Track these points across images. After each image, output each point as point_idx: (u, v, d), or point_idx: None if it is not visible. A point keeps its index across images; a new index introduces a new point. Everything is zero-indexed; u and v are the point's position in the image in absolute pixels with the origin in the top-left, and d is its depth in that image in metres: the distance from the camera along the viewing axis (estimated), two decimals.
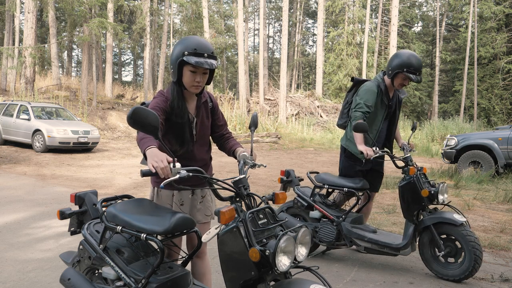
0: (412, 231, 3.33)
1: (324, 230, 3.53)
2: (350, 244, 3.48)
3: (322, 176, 3.64)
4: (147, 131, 1.66)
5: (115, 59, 42.28)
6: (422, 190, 3.30)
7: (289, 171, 3.75)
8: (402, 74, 3.38)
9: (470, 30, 26.36)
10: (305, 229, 1.72)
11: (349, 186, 3.45)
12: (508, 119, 25.95)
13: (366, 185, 3.49)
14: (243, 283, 1.70)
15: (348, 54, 27.12)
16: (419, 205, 3.34)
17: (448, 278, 3.25)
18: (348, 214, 3.56)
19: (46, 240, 4.07)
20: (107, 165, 9.65)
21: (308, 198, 3.64)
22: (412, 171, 3.36)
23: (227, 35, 33.02)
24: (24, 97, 16.49)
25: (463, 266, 3.17)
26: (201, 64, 1.98)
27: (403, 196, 3.41)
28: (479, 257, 3.09)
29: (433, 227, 3.27)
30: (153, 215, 1.91)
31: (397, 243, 3.33)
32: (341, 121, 3.84)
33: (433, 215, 3.29)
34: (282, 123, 20.28)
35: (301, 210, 3.71)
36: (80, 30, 25.73)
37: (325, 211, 3.56)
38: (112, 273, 1.98)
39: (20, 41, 22.19)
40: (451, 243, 3.28)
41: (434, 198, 3.31)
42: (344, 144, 3.73)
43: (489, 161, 8.58)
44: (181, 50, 2.02)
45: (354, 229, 3.46)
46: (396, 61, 3.39)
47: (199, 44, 2.02)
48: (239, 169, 1.98)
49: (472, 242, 3.10)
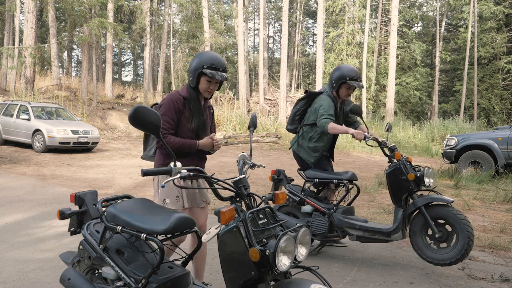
0: (401, 215, 3.41)
1: (316, 223, 3.62)
2: (342, 234, 3.58)
3: (311, 172, 3.76)
4: (149, 130, 1.67)
5: (115, 59, 42.28)
6: (409, 174, 3.40)
7: (280, 170, 3.86)
8: (345, 83, 3.71)
9: (470, 30, 26.36)
10: (305, 229, 1.72)
11: (339, 178, 3.60)
12: (508, 119, 25.95)
13: (354, 176, 3.62)
14: (243, 283, 1.70)
15: (348, 54, 27.14)
16: (407, 189, 3.43)
17: (443, 263, 3.24)
18: (339, 206, 3.65)
19: (46, 240, 4.07)
20: (107, 165, 9.65)
21: (299, 194, 3.73)
22: (397, 156, 3.50)
23: (227, 35, 33.02)
24: (24, 97, 16.49)
25: (457, 247, 3.18)
26: (217, 76, 2.49)
27: (390, 182, 3.51)
28: (471, 234, 3.13)
29: (424, 209, 3.32)
30: (153, 215, 1.91)
31: (387, 228, 3.42)
32: (291, 126, 4.10)
33: (423, 197, 3.37)
34: (282, 123, 20.27)
35: (293, 206, 3.82)
36: (80, 30, 25.75)
37: (316, 204, 3.67)
38: (112, 273, 1.97)
39: (20, 41, 22.19)
40: (441, 227, 3.33)
41: (421, 182, 3.40)
42: (295, 149, 3.97)
43: (489, 161, 8.58)
44: (200, 63, 2.51)
45: (345, 219, 3.56)
46: (337, 74, 3.73)
47: (216, 60, 2.53)
48: (238, 169, 1.99)
49: (463, 220, 3.16)
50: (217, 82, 2.60)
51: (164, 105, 2.56)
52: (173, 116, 2.54)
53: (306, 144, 3.86)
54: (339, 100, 3.87)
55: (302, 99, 3.99)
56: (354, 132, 3.45)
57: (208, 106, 2.79)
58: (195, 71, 2.54)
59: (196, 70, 2.53)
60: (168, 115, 2.54)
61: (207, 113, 2.75)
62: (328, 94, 3.81)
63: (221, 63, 2.53)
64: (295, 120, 4.04)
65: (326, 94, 3.82)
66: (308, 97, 3.93)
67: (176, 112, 2.55)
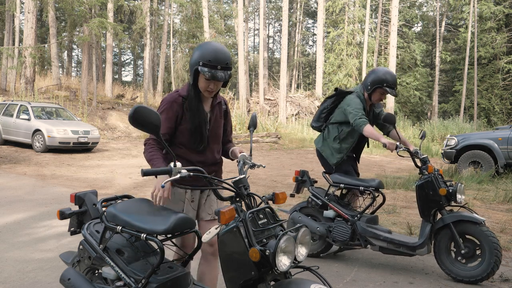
0: (429, 231, 3.30)
1: (339, 229, 3.51)
2: (365, 243, 3.46)
3: (337, 176, 3.64)
4: (149, 130, 1.67)
5: (115, 59, 42.27)
6: (440, 189, 3.27)
7: (304, 171, 3.76)
8: (381, 89, 3.56)
9: (470, 30, 26.35)
10: (305, 229, 1.72)
11: (365, 185, 3.46)
12: (508, 119, 25.95)
13: (381, 184, 3.49)
14: (243, 283, 1.70)
15: (348, 54, 27.13)
16: (437, 204, 3.31)
17: (465, 279, 3.16)
18: (363, 214, 3.54)
19: (46, 240, 4.07)
20: (107, 165, 9.65)
21: (323, 197, 3.64)
22: (430, 169, 3.36)
23: (227, 35, 33.02)
24: (24, 97, 16.49)
25: (483, 267, 3.11)
26: (213, 77, 2.11)
27: (420, 195, 3.39)
28: (499, 258, 3.05)
29: (452, 225, 3.23)
30: (153, 215, 1.91)
31: (413, 242, 3.30)
32: (316, 124, 3.99)
33: (453, 214, 3.26)
34: (282, 123, 20.28)
35: (315, 209, 3.71)
36: (80, 30, 25.75)
37: (340, 210, 3.56)
38: (112, 273, 1.97)
39: (20, 41, 22.18)
40: (469, 243, 3.23)
41: (452, 197, 3.29)
42: (319, 148, 3.87)
43: (489, 161, 8.58)
44: (198, 58, 2.14)
45: (369, 228, 3.44)
46: (374, 77, 3.58)
47: (215, 55, 2.12)
48: (238, 169, 1.99)
49: (495, 243, 3.07)
50: (218, 81, 2.19)
51: (160, 108, 2.28)
52: (165, 122, 2.25)
53: (330, 144, 3.74)
54: (368, 102, 3.74)
55: (331, 96, 3.89)
56: (386, 142, 3.27)
57: (218, 102, 2.42)
58: (192, 66, 2.19)
59: (193, 65, 2.18)
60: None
61: (216, 112, 2.39)
62: (358, 94, 3.68)
63: (221, 59, 2.12)
64: (321, 117, 3.92)
65: (356, 95, 3.68)
66: (338, 95, 3.82)
67: (173, 116, 2.26)
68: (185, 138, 2.31)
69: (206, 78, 2.15)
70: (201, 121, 2.31)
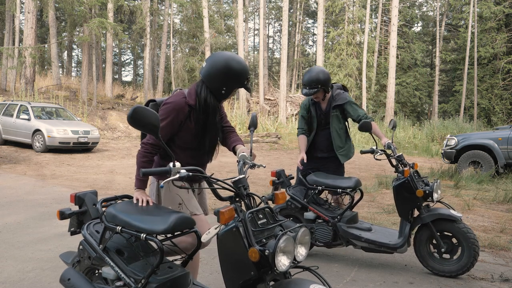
0: (408, 230, 3.39)
1: (320, 231, 3.56)
2: (346, 244, 3.53)
3: (314, 178, 3.62)
4: (148, 130, 1.68)
5: (115, 59, 42.27)
6: (417, 190, 3.35)
7: (280, 172, 3.70)
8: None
9: (470, 30, 26.35)
10: (304, 229, 1.72)
11: (343, 187, 3.47)
12: (508, 119, 25.94)
13: (359, 183, 3.52)
14: (242, 283, 1.70)
15: (348, 54, 27.11)
16: (414, 204, 3.40)
17: (444, 274, 3.30)
18: (343, 214, 3.56)
19: (46, 240, 4.07)
20: (107, 165, 9.65)
21: (302, 200, 3.64)
22: (406, 173, 3.39)
23: (227, 35, 33.01)
24: (24, 97, 16.49)
25: (461, 262, 3.23)
26: (249, 91, 2.29)
27: (397, 196, 3.47)
28: (477, 252, 3.17)
29: (431, 224, 3.32)
30: (152, 215, 1.91)
31: (394, 243, 3.38)
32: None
33: (431, 212, 3.34)
34: (282, 123, 20.27)
35: (296, 211, 3.70)
36: (80, 30, 25.74)
37: (320, 212, 3.57)
38: (112, 273, 1.98)
39: (20, 41, 22.18)
40: (447, 239, 3.34)
41: (429, 197, 3.38)
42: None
43: (489, 161, 8.58)
44: (233, 81, 2.19)
45: (350, 229, 3.48)
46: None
47: (242, 73, 2.19)
48: (238, 169, 1.98)
49: (472, 239, 3.17)
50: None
51: (165, 114, 2.23)
52: (168, 128, 2.25)
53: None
54: (320, 99, 3.82)
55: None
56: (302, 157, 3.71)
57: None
58: (222, 85, 2.20)
59: (221, 78, 2.17)
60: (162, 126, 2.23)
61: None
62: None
63: (247, 74, 2.23)
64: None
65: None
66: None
67: (177, 124, 2.25)
68: (183, 142, 2.33)
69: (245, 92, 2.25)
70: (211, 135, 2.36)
